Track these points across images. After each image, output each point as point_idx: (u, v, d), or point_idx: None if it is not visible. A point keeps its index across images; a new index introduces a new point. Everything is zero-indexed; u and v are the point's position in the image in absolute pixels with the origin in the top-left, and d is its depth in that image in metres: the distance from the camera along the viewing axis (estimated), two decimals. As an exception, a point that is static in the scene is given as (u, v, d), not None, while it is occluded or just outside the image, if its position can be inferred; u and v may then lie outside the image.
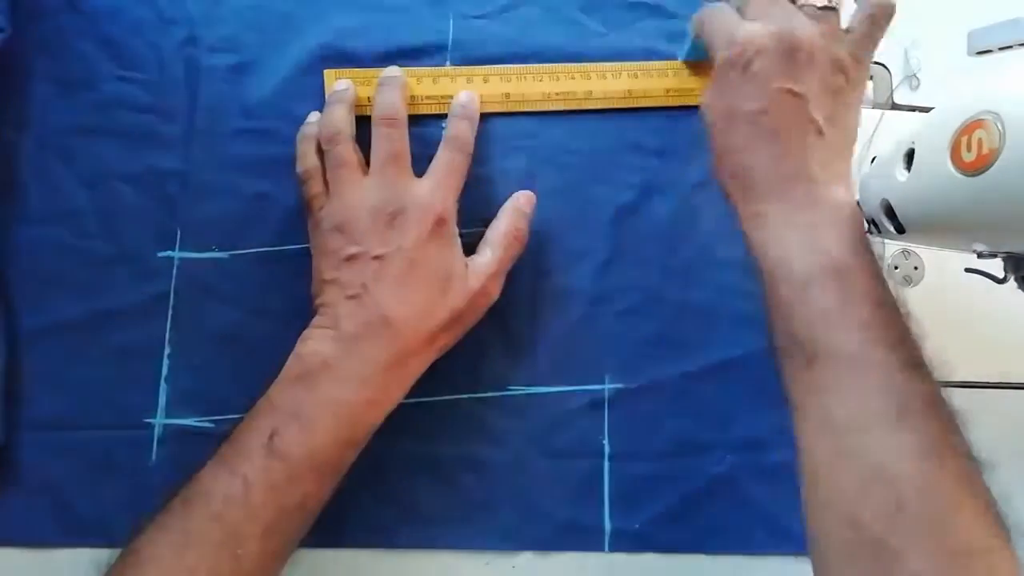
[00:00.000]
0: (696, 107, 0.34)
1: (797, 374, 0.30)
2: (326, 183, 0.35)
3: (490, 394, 0.39)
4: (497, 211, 0.39)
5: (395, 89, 0.36)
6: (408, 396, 0.38)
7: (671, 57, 0.42)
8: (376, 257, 0.33)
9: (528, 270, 0.40)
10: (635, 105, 0.41)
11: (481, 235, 0.37)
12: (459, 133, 0.37)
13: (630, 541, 0.38)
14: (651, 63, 0.41)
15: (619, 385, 0.39)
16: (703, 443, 0.39)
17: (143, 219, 0.39)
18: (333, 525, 0.37)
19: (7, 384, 0.37)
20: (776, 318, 0.31)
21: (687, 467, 0.38)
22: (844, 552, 0.26)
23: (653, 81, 0.41)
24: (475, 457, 0.38)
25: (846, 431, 0.27)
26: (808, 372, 0.29)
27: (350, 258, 0.33)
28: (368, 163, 0.35)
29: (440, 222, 0.33)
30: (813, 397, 0.29)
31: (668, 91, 0.41)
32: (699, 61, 0.40)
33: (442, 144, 0.36)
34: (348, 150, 0.35)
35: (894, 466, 0.26)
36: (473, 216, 0.40)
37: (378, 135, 0.35)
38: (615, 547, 0.37)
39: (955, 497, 0.25)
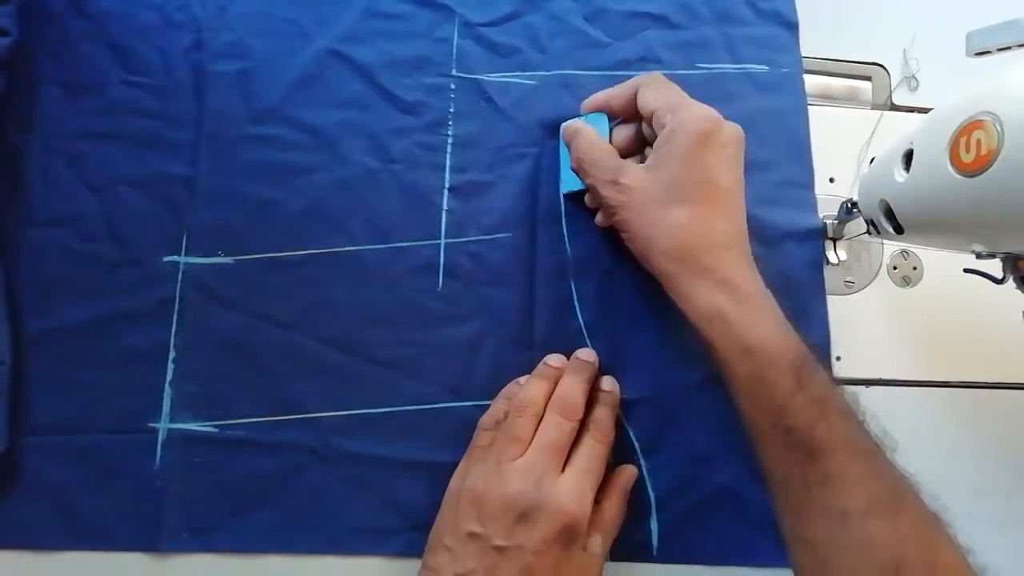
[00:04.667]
0: None
1: (799, 467, 0.31)
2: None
3: (489, 401, 0.38)
4: (498, 217, 0.40)
5: (581, 380, 0.36)
6: (409, 403, 0.38)
7: (672, 67, 0.42)
8: (496, 548, 0.32)
9: (529, 277, 0.40)
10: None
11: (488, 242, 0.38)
12: (602, 419, 0.36)
13: (633, 551, 0.38)
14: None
15: (621, 396, 0.39)
16: (705, 453, 0.39)
17: (149, 224, 0.39)
18: (333, 532, 0.37)
19: (12, 388, 0.37)
20: (766, 408, 0.32)
21: (690, 477, 0.38)
22: None
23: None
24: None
25: (856, 521, 0.29)
26: (812, 464, 0.31)
27: (472, 535, 0.32)
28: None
29: (568, 529, 0.32)
30: (819, 490, 0.30)
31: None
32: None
33: (586, 431, 0.35)
34: (528, 428, 0.34)
35: (909, 556, 0.29)
36: (475, 221, 0.40)
37: (549, 420, 0.34)
38: (617, 556, 0.37)
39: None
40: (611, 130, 0.38)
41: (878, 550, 0.29)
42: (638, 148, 0.38)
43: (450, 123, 0.42)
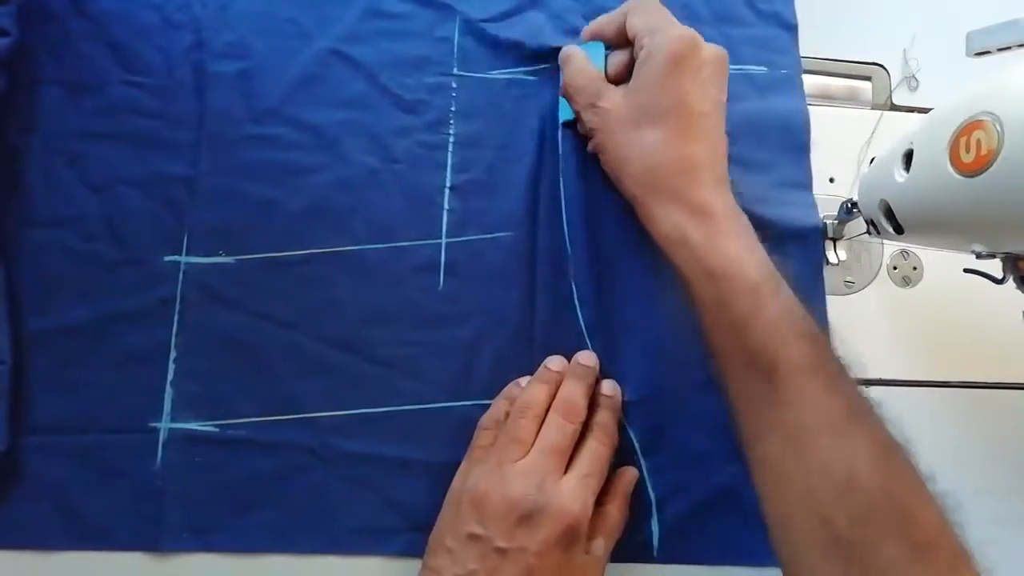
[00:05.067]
0: None
1: (756, 387, 0.31)
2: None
3: (489, 401, 0.38)
4: (500, 216, 0.40)
5: (583, 384, 0.36)
6: (409, 403, 0.38)
7: None
8: (497, 550, 0.31)
9: (530, 277, 0.40)
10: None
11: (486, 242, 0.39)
12: (605, 422, 0.36)
13: (633, 551, 0.37)
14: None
15: (622, 397, 0.38)
16: (706, 453, 0.38)
17: (150, 223, 0.39)
18: (334, 532, 0.37)
19: (12, 388, 0.37)
20: (728, 331, 0.32)
21: (690, 477, 0.38)
22: (819, 548, 0.29)
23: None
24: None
25: (812, 441, 0.29)
26: (769, 385, 0.31)
27: (473, 537, 0.32)
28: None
29: (570, 531, 0.32)
30: (776, 410, 0.30)
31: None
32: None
33: (589, 433, 0.36)
34: (530, 430, 0.34)
35: (861, 471, 0.28)
36: (476, 220, 0.40)
37: (551, 422, 0.34)
38: (618, 557, 0.37)
39: (912, 496, 0.28)
40: (606, 57, 0.38)
41: (832, 464, 0.29)
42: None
43: (451, 122, 0.42)
